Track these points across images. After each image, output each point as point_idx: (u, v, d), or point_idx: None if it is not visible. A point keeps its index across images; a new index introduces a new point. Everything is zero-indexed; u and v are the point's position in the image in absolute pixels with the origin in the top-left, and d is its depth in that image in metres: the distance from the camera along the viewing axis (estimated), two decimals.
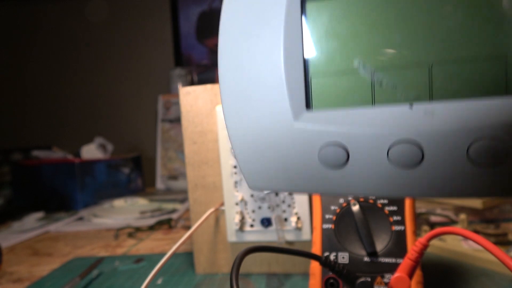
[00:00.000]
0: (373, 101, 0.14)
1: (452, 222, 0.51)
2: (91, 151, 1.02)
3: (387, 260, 0.26)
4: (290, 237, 0.36)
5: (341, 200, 0.29)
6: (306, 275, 0.37)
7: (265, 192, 0.36)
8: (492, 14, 0.12)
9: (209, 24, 1.55)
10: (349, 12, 0.14)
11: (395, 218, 0.27)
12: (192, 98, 0.39)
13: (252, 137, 0.16)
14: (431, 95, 0.13)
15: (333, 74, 0.14)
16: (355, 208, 0.28)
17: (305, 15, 0.14)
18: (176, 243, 0.33)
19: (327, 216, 0.29)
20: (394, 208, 0.28)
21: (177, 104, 1.34)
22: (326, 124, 0.14)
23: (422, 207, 0.61)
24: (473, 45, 0.12)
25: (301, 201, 0.36)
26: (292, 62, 0.14)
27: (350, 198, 0.29)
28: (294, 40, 0.14)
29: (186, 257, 0.45)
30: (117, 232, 0.61)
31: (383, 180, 0.13)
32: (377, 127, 0.13)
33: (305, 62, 0.14)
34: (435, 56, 0.13)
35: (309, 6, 0.14)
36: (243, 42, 0.15)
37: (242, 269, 0.38)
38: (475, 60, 0.12)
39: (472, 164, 0.12)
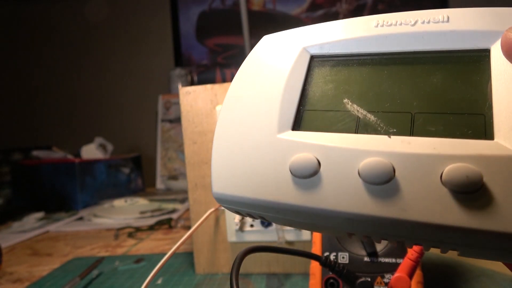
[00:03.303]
0: (356, 131, 0.15)
1: None
2: (91, 151, 1.02)
3: (387, 260, 0.26)
4: (290, 237, 0.36)
5: None
6: (306, 275, 0.37)
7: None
8: (471, 79, 0.14)
9: (209, 24, 1.55)
10: (346, 67, 0.17)
11: None
12: (192, 98, 0.39)
13: (233, 144, 0.17)
14: (411, 133, 0.14)
15: (324, 109, 0.16)
16: None
17: (310, 66, 0.17)
18: (176, 243, 0.33)
19: None
20: None
21: (177, 104, 1.34)
22: (305, 138, 0.15)
23: None
24: (454, 104, 0.14)
25: None
26: (289, 96, 0.17)
27: None
28: (295, 80, 0.17)
29: (186, 257, 0.45)
30: (117, 232, 0.61)
31: (349, 195, 0.13)
32: (352, 144, 0.14)
33: (301, 98, 0.17)
34: (417, 109, 0.14)
35: (315, 60, 0.18)
36: (252, 77, 0.18)
37: (242, 269, 0.38)
38: (456, 115, 0.14)
39: (447, 188, 0.12)
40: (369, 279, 0.25)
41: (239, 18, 0.72)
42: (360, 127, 0.15)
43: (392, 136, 0.14)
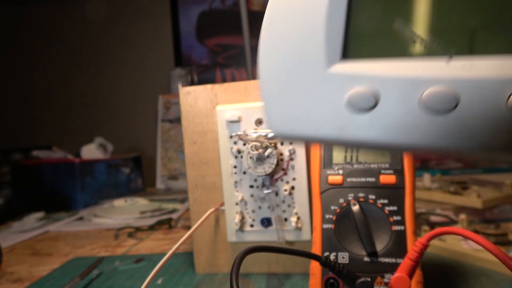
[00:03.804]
0: (411, 54, 0.14)
1: (452, 222, 0.51)
2: (91, 151, 1.02)
3: (387, 260, 0.26)
4: (290, 237, 0.36)
5: (341, 200, 0.29)
6: (306, 275, 0.37)
7: (266, 191, 0.36)
8: None
9: (209, 24, 1.55)
10: None
11: (395, 218, 0.27)
12: (192, 98, 0.39)
13: (281, 81, 0.16)
14: (472, 51, 0.13)
15: (373, 33, 0.15)
16: (355, 208, 0.28)
17: None
18: (176, 243, 0.33)
19: (327, 216, 0.29)
20: (394, 208, 0.28)
21: (177, 104, 1.34)
22: (358, 69, 0.14)
23: (422, 207, 0.61)
24: None
25: (301, 201, 0.36)
26: (333, 23, 0.15)
27: (350, 198, 0.29)
28: (337, 5, 0.15)
29: (186, 257, 0.45)
30: (117, 232, 0.61)
31: (412, 126, 0.13)
32: (411, 72, 0.13)
33: (348, 17, 0.15)
34: (478, 21, 0.13)
35: None
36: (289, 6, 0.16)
37: (242, 269, 0.38)
38: None
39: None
40: (369, 279, 0.25)
41: (239, 18, 0.72)
42: (415, 49, 0.14)
43: (452, 60, 0.13)
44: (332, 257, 0.28)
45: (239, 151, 0.37)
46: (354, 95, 0.14)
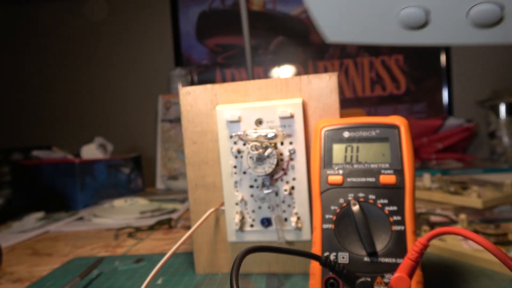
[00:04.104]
0: None
1: (452, 222, 0.51)
2: (91, 151, 1.02)
3: (387, 260, 0.26)
4: (290, 237, 0.36)
5: (341, 200, 0.29)
6: (306, 275, 0.37)
7: (266, 191, 0.36)
8: None
9: (209, 24, 1.55)
10: None
11: (395, 218, 0.27)
12: (192, 98, 0.39)
13: None
14: None
15: None
16: (355, 208, 0.28)
17: None
18: (176, 243, 0.33)
19: (327, 216, 0.29)
20: (394, 208, 0.28)
21: (177, 104, 1.34)
22: None
23: (422, 207, 0.61)
24: None
25: (301, 201, 0.36)
26: None
27: (350, 198, 0.29)
28: None
29: (186, 257, 0.45)
30: (117, 232, 0.61)
31: (461, 38, 0.14)
32: None
33: None
34: None
35: None
36: None
37: (242, 269, 0.38)
38: None
39: None
40: (369, 279, 0.25)
41: (239, 18, 0.72)
42: None
43: None
44: (332, 257, 0.28)
45: (239, 151, 0.37)
46: (405, 14, 0.15)
